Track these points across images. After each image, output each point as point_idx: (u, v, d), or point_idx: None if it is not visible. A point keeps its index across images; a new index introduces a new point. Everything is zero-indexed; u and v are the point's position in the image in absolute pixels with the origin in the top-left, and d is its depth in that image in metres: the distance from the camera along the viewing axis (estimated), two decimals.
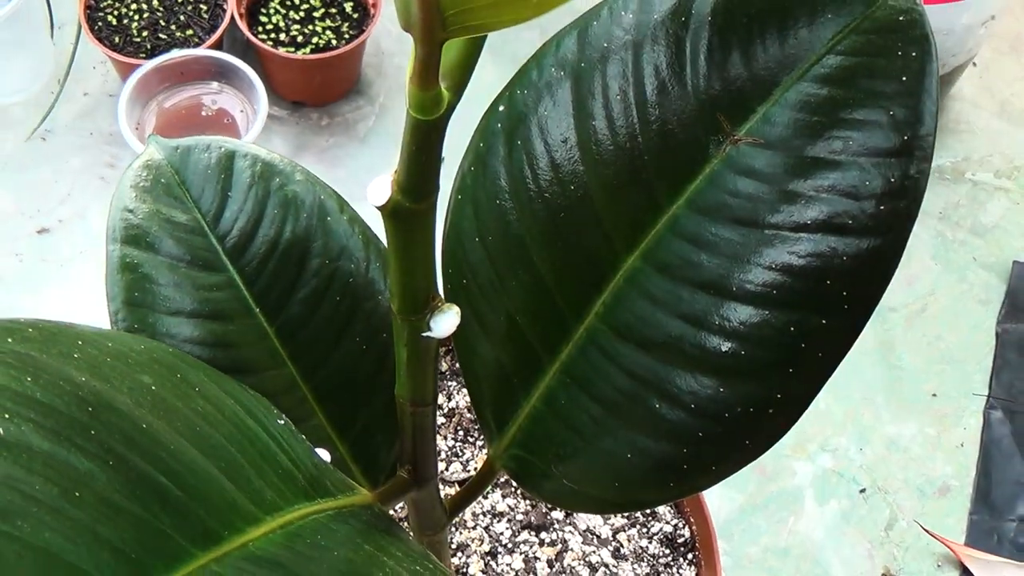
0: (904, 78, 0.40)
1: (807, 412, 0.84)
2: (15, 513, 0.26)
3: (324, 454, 0.43)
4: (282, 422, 0.40)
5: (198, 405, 0.36)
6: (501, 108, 0.46)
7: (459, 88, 0.32)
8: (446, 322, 0.38)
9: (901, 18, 0.41)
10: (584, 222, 0.44)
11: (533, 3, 0.28)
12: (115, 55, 0.97)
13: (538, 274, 0.45)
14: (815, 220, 0.40)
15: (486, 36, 0.32)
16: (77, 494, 0.27)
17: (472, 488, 0.51)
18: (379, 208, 0.35)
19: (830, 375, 0.41)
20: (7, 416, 0.28)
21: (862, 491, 0.88)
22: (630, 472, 0.44)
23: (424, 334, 0.39)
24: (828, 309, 0.40)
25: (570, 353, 0.45)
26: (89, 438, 0.30)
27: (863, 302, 0.40)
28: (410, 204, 0.34)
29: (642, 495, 0.45)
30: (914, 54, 0.40)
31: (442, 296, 0.39)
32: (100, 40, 0.98)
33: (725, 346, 0.42)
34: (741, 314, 0.41)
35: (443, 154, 0.34)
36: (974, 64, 1.07)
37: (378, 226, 0.51)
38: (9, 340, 0.32)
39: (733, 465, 0.44)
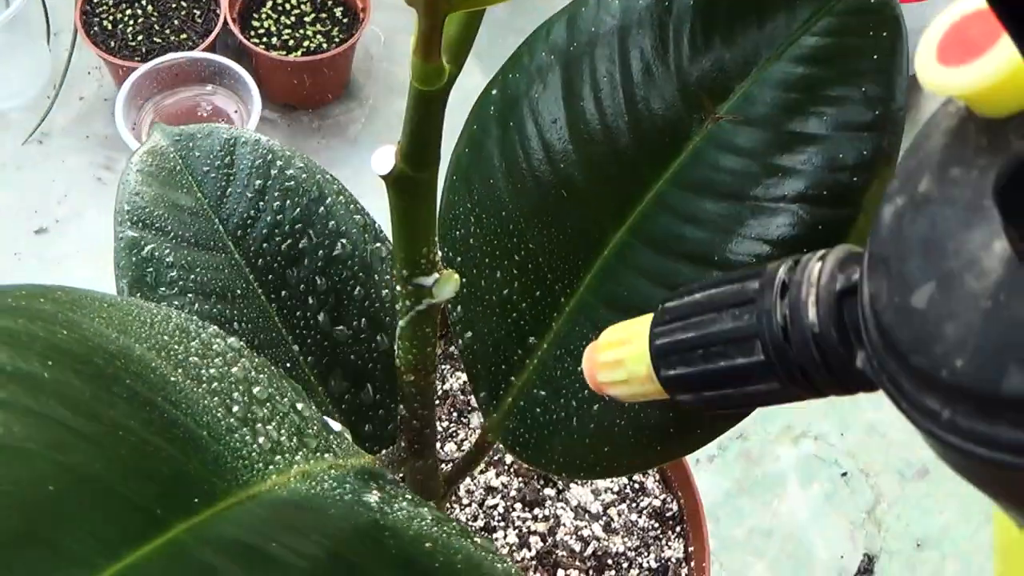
0: (876, 56, 0.43)
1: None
2: (68, 447, 0.28)
3: (335, 424, 0.45)
4: (288, 386, 0.43)
5: (215, 363, 0.38)
6: (494, 92, 0.49)
7: (459, 61, 0.34)
8: (447, 287, 0.40)
9: (873, 0, 0.43)
10: (574, 199, 0.47)
11: None
12: (111, 59, 0.99)
13: (530, 250, 0.48)
14: (794, 192, 0.43)
15: (484, 12, 0.34)
16: (120, 433, 0.30)
17: (468, 460, 0.53)
18: (383, 177, 0.37)
19: None
20: (50, 363, 0.30)
21: (844, 475, 0.90)
22: (618, 437, 0.46)
23: (425, 300, 0.41)
24: None
25: (561, 326, 0.47)
26: (124, 386, 0.32)
27: None
28: (413, 173, 0.37)
29: (631, 459, 0.47)
30: (885, 34, 0.43)
31: (442, 263, 0.41)
32: (96, 45, 1.00)
33: None
34: None
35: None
36: None
37: (375, 211, 0.53)
38: (42, 300, 0.34)
39: (716, 428, 0.46)
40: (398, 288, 0.41)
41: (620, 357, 0.34)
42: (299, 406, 0.41)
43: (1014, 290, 0.20)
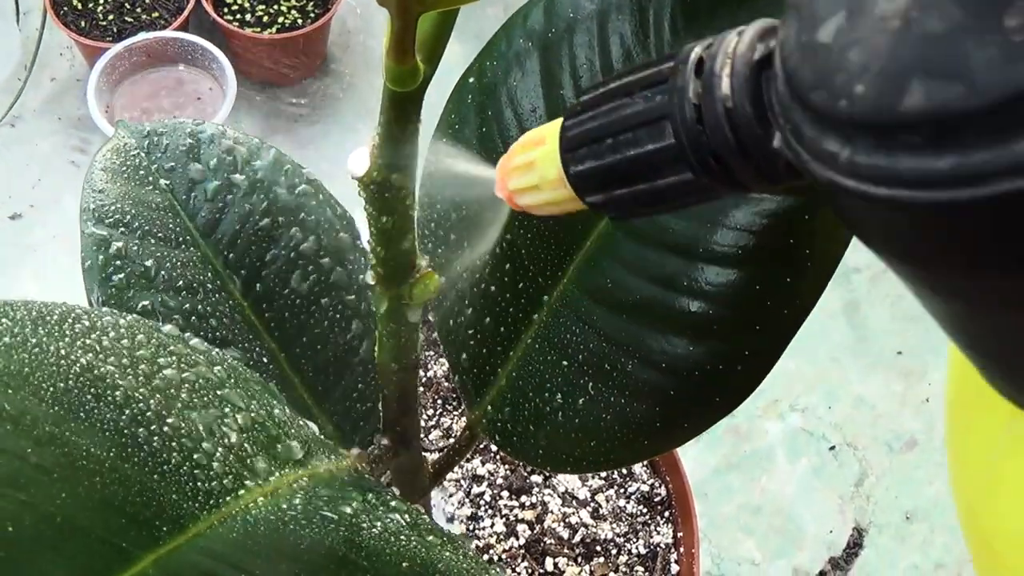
0: None
1: (777, 373, 0.85)
2: (29, 482, 0.27)
3: (312, 427, 0.44)
4: (263, 389, 0.41)
5: (185, 375, 0.37)
6: (471, 80, 0.47)
7: (434, 60, 0.33)
8: (426, 289, 0.39)
9: None
10: None
11: None
12: (82, 39, 0.97)
13: (511, 241, 0.46)
14: None
15: (458, 9, 0.33)
16: (83, 462, 0.28)
17: (453, 453, 0.52)
18: (359, 179, 0.36)
19: (795, 332, 0.43)
20: (10, 391, 0.29)
21: (831, 448, 0.90)
22: (606, 431, 0.46)
23: (405, 301, 0.40)
24: (793, 267, 0.42)
25: (544, 318, 0.46)
26: (88, 410, 0.31)
27: (826, 259, 0.42)
28: (390, 175, 0.35)
29: (617, 453, 0.47)
30: None
31: (422, 264, 0.40)
32: (66, 25, 0.98)
33: (694, 306, 0.43)
34: (708, 274, 0.43)
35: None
36: None
37: (348, 200, 0.52)
38: (3, 320, 0.33)
39: (705, 421, 0.45)
40: (377, 289, 0.40)
41: (532, 159, 0.31)
42: (275, 411, 0.40)
43: (925, 4, 0.19)
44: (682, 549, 0.62)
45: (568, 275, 0.46)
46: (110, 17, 1.00)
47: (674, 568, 0.62)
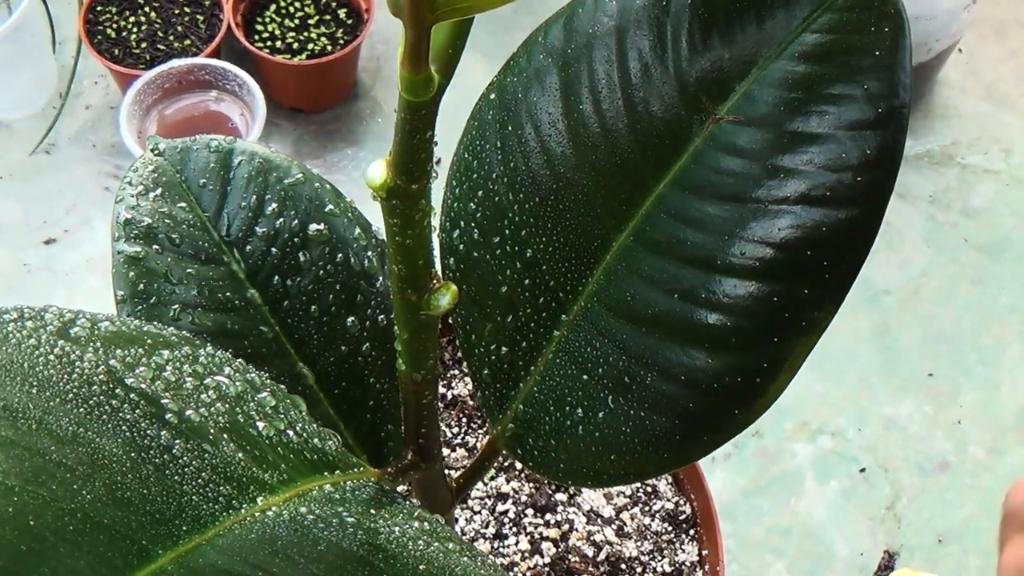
0: (878, 52, 0.42)
1: (806, 395, 0.85)
2: (50, 479, 0.27)
3: (336, 437, 0.45)
4: (288, 402, 0.42)
5: (211, 382, 0.37)
6: (492, 96, 0.48)
7: (448, 70, 0.34)
8: (443, 299, 0.40)
9: None
10: (575, 204, 0.46)
11: None
12: (115, 67, 0.99)
13: (532, 257, 0.47)
14: (796, 193, 0.42)
15: (473, 19, 0.33)
16: (105, 461, 0.29)
17: (476, 468, 0.53)
18: (376, 190, 0.36)
19: (815, 343, 0.43)
20: (34, 391, 0.29)
21: (862, 470, 0.89)
22: (626, 445, 0.46)
23: (423, 312, 0.40)
24: (810, 279, 0.42)
25: (565, 332, 0.47)
26: (111, 412, 0.31)
27: (844, 271, 0.42)
28: (405, 185, 0.36)
29: (638, 466, 0.47)
30: (887, 29, 0.42)
31: (439, 274, 0.40)
32: (100, 53, 1.00)
33: (712, 318, 0.43)
34: (727, 287, 0.43)
35: (437, 142, 0.36)
36: (959, 50, 1.09)
37: (375, 217, 0.53)
38: (29, 323, 0.33)
39: (724, 435, 0.45)
40: (396, 301, 0.41)
41: None
42: (298, 421, 0.41)
43: None
44: (707, 567, 0.62)
45: (588, 289, 0.46)
46: (143, 45, 1.02)
47: None
